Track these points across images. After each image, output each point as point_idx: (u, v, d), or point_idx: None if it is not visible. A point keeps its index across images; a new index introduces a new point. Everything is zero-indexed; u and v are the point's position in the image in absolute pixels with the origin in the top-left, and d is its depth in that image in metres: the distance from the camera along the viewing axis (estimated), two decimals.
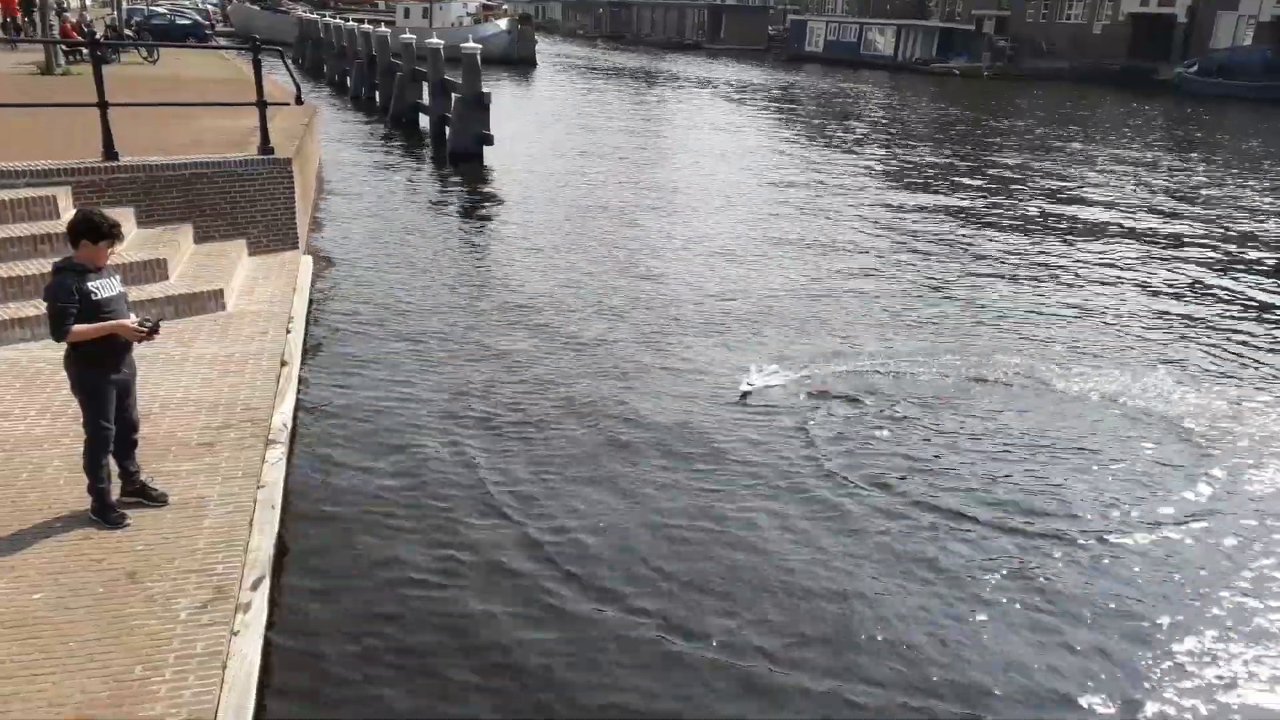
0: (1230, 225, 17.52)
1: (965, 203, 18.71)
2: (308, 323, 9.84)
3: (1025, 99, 44.13)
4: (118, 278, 5.34)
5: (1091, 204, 19.08)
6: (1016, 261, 14.16)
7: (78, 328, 5.01)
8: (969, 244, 15.16)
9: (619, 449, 7.56)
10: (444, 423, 7.91)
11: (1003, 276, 13.25)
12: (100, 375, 5.20)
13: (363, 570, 5.83)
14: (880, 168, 22.66)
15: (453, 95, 22.00)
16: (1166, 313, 11.86)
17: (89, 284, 5.08)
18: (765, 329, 10.54)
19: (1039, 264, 14.08)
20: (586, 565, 5.97)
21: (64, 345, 5.15)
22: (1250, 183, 22.58)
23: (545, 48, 62.81)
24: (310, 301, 10.50)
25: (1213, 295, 12.81)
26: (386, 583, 5.72)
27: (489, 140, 21.18)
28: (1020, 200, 19.13)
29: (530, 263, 13.05)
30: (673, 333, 10.33)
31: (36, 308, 7.69)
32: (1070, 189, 20.74)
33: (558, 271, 12.59)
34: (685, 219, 16.15)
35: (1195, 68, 50.17)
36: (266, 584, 5.19)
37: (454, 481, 6.95)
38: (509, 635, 5.28)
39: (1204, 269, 14.24)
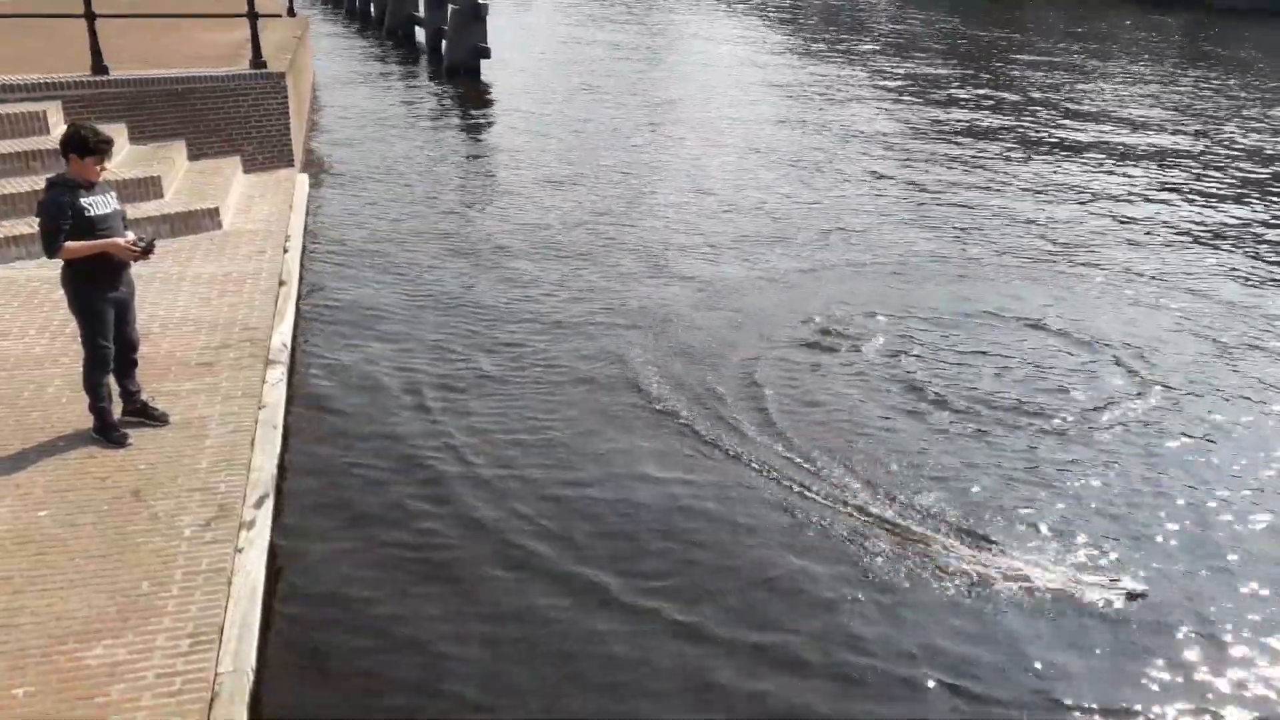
0: (1244, 146, 17.22)
1: (968, 120, 18.35)
2: (305, 241, 9.75)
3: (1035, 9, 42.94)
4: (113, 194, 5.27)
5: (1098, 123, 18.72)
6: (1014, 178, 13.96)
7: (70, 245, 4.96)
8: (971, 158, 14.92)
9: (615, 363, 7.55)
10: (444, 339, 7.89)
11: (997, 190, 13.08)
12: (97, 293, 5.17)
13: (365, 488, 5.88)
14: (885, 85, 22.17)
15: (449, 6, 21.43)
16: (1177, 234, 11.74)
17: (82, 200, 5.01)
18: (766, 244, 10.45)
19: (1037, 181, 13.88)
20: (581, 504, 6.02)
21: (60, 263, 5.11)
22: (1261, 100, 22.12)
23: None
24: (307, 220, 10.40)
25: (1220, 212, 12.66)
26: (388, 500, 5.78)
27: (486, 53, 20.71)
28: (1024, 120, 18.77)
29: (530, 177, 12.88)
30: (672, 247, 10.25)
31: (30, 225, 7.61)
32: (1077, 108, 20.33)
33: (558, 187, 12.42)
34: (685, 134, 15.87)
35: None
36: (270, 502, 5.24)
37: (454, 398, 6.96)
38: (515, 543, 5.34)
39: (1209, 190, 14.05)
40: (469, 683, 4.43)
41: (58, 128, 8.75)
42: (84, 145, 5.01)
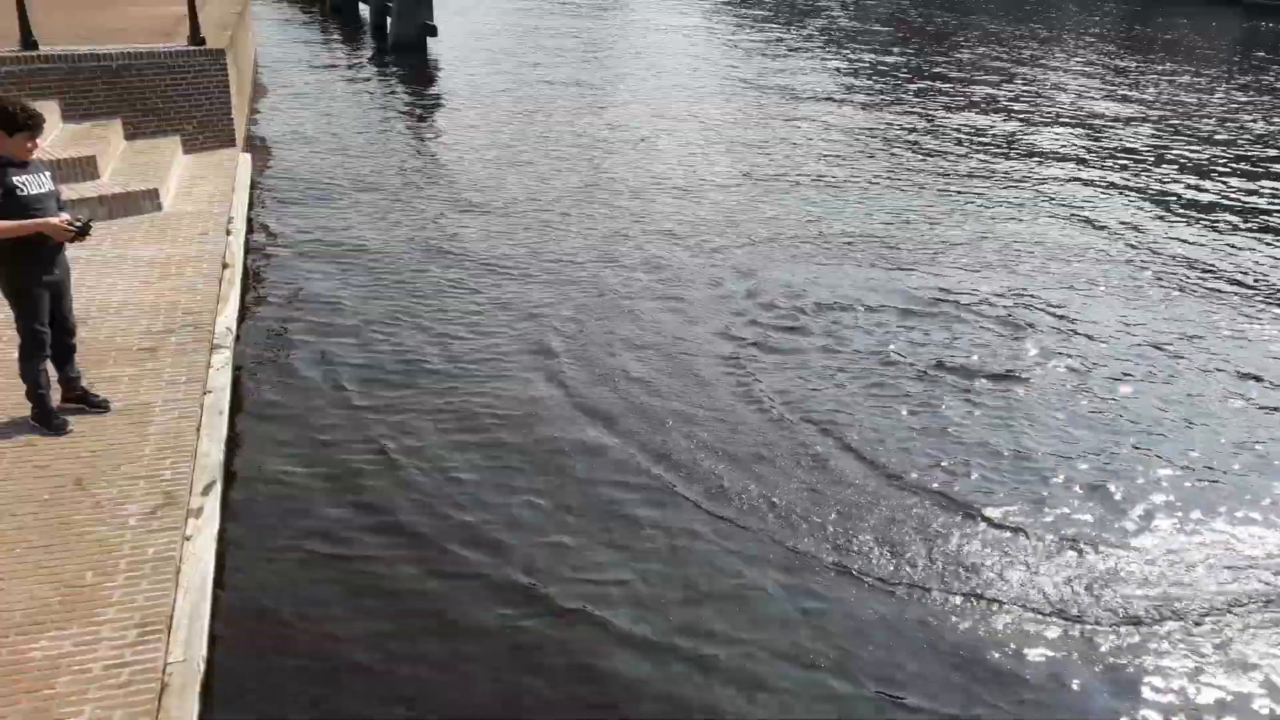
0: (1182, 123, 17.64)
1: (917, 108, 18.54)
2: (249, 223, 9.55)
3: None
4: (48, 174, 5.08)
5: (1045, 110, 19.04)
6: (961, 163, 14.17)
7: (1, 224, 4.79)
8: (917, 146, 15.09)
9: (560, 354, 7.53)
10: (393, 320, 7.81)
11: (944, 176, 13.26)
12: (30, 276, 5.00)
13: (313, 472, 5.80)
14: (833, 69, 22.29)
15: None
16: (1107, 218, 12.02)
17: (14, 179, 4.83)
18: (708, 226, 10.48)
19: (984, 167, 14.10)
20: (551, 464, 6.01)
21: None
22: (1196, 81, 22.67)
23: None
24: (250, 201, 10.18)
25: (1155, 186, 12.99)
26: (338, 484, 5.71)
27: (433, 31, 20.42)
28: (974, 106, 19.01)
29: (476, 158, 12.74)
30: (622, 229, 10.23)
31: None
32: (1027, 92, 20.65)
33: (505, 167, 12.31)
34: (633, 115, 15.80)
35: None
36: (218, 489, 5.15)
37: (401, 379, 6.90)
38: (462, 541, 5.32)
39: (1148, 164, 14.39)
40: (423, 670, 4.41)
41: None
42: (12, 121, 4.82)
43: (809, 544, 5.36)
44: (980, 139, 15.58)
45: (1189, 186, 13.13)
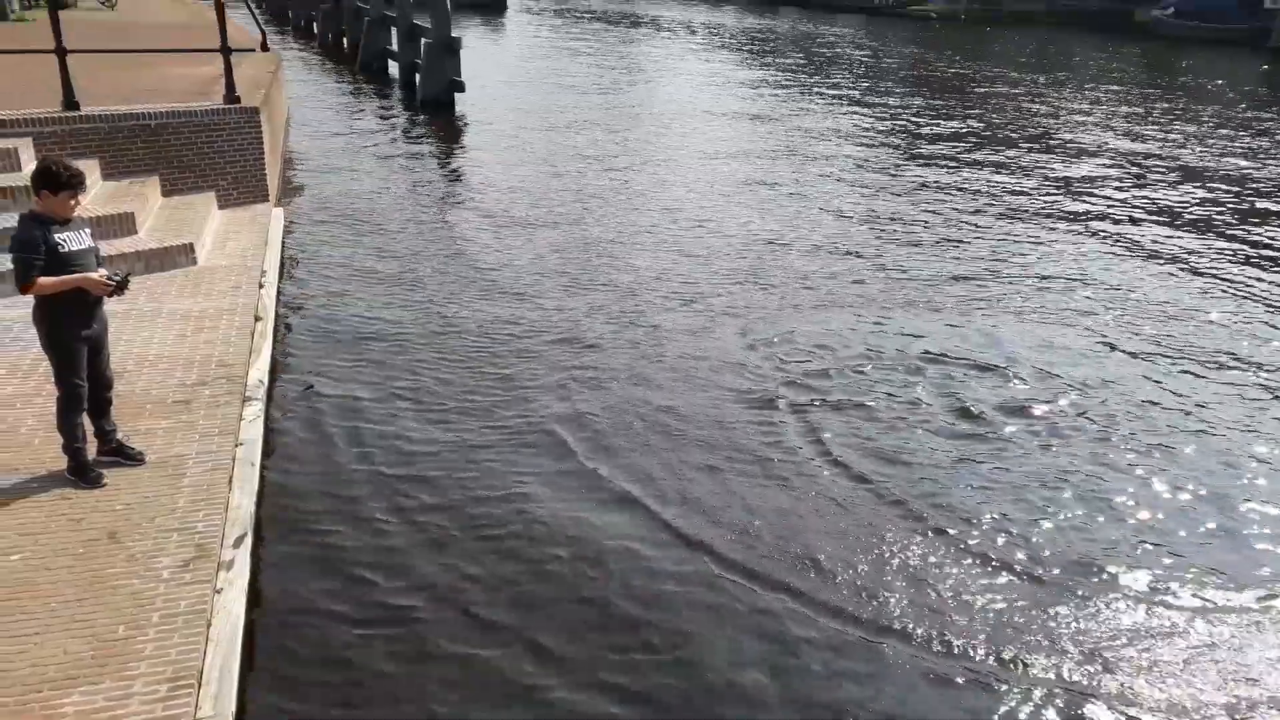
0: (1202, 170, 17.57)
1: (942, 151, 18.62)
2: (281, 277, 9.69)
3: (1001, 43, 43.83)
4: (88, 230, 5.20)
5: (1065, 151, 19.06)
6: (992, 206, 14.16)
7: (42, 280, 4.88)
8: (946, 191, 15.12)
9: (586, 414, 7.54)
10: (424, 372, 7.86)
11: (976, 222, 13.25)
12: (70, 331, 5.09)
13: (344, 525, 5.81)
14: (858, 117, 22.47)
15: (422, 41, 21.54)
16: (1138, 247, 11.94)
17: (55, 236, 4.94)
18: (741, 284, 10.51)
19: (1013, 211, 14.08)
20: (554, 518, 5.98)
21: (31, 301, 5.03)
22: (1217, 127, 22.62)
23: None
24: (283, 256, 10.34)
25: (1185, 232, 12.89)
26: (369, 537, 5.71)
27: (460, 87, 20.80)
28: (997, 148, 19.07)
29: (504, 212, 12.87)
30: (646, 298, 10.27)
31: (1, 263, 7.51)
32: (1047, 136, 20.69)
33: (532, 223, 12.43)
34: (657, 168, 15.98)
35: (1171, 10, 49.92)
36: (249, 541, 5.16)
37: (428, 436, 6.92)
38: (492, 601, 5.28)
39: (1174, 213, 14.31)
40: None
41: (29, 164, 8.65)
42: (56, 180, 4.95)
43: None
44: (1008, 188, 15.59)
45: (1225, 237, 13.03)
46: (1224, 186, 16.10)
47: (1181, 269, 11.47)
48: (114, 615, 4.30)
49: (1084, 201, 14.70)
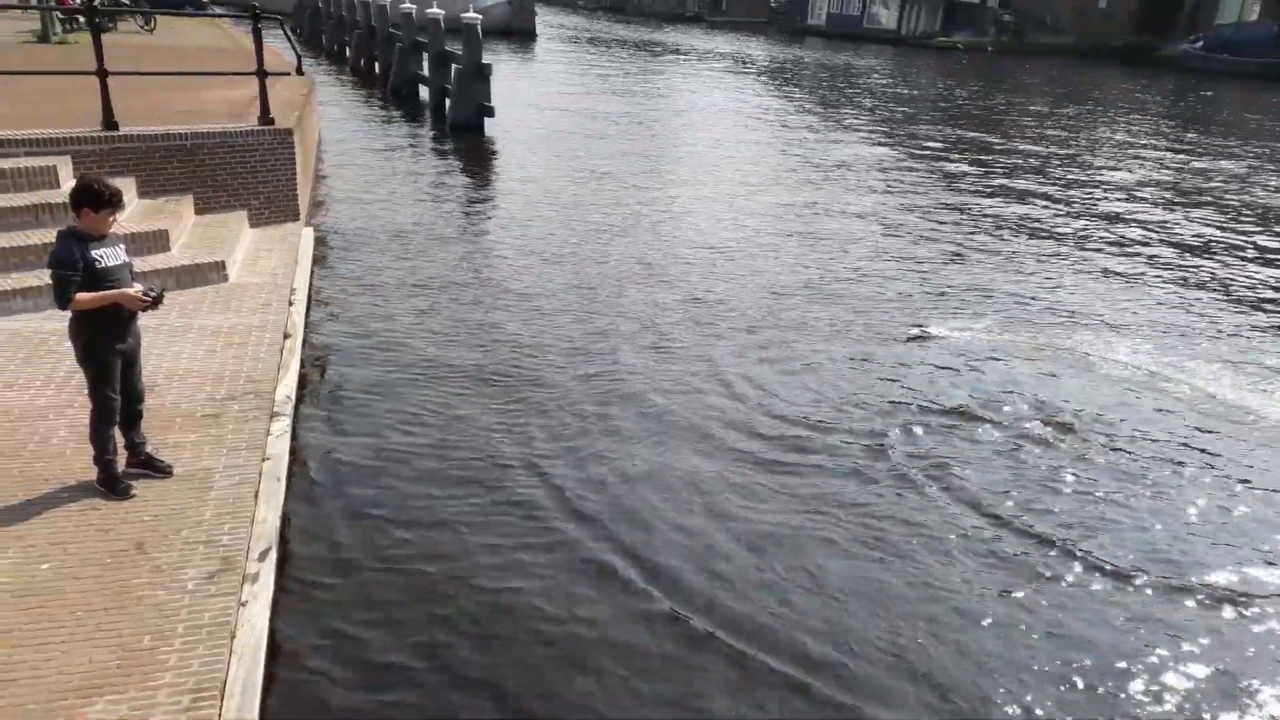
0: (1234, 203, 17.45)
1: (969, 183, 18.62)
2: (310, 296, 9.80)
3: (1028, 75, 43.85)
4: (123, 247, 5.30)
5: (1094, 186, 18.99)
6: (1016, 237, 14.13)
7: (80, 296, 4.98)
8: (974, 220, 15.10)
9: (607, 426, 7.55)
10: (447, 393, 7.91)
11: (999, 251, 13.22)
12: (105, 345, 5.18)
13: (367, 542, 5.84)
14: (884, 147, 22.52)
15: (453, 66, 21.82)
16: (1172, 284, 11.85)
17: (93, 252, 5.05)
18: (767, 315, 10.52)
19: (1041, 244, 14.04)
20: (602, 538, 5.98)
21: (68, 314, 5.13)
22: (1255, 161, 22.46)
23: (546, 19, 62.24)
24: (312, 274, 10.46)
25: (1217, 269, 12.79)
26: (392, 552, 5.73)
27: (490, 112, 21.03)
28: (1022, 182, 19.04)
29: (534, 234, 12.97)
30: (671, 319, 10.30)
31: (39, 278, 7.66)
32: (1074, 171, 20.63)
33: (563, 248, 12.51)
34: (689, 194, 16.06)
35: (1200, 43, 49.81)
36: (273, 555, 5.20)
37: (459, 452, 6.95)
38: (512, 617, 5.29)
39: (1208, 249, 14.20)
40: None
41: (68, 182, 8.84)
42: (98, 199, 5.06)
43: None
44: (1042, 225, 15.55)
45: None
46: None
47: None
48: (140, 625, 4.35)
49: (1129, 239, 14.64)
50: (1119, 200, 17.28)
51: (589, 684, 4.76)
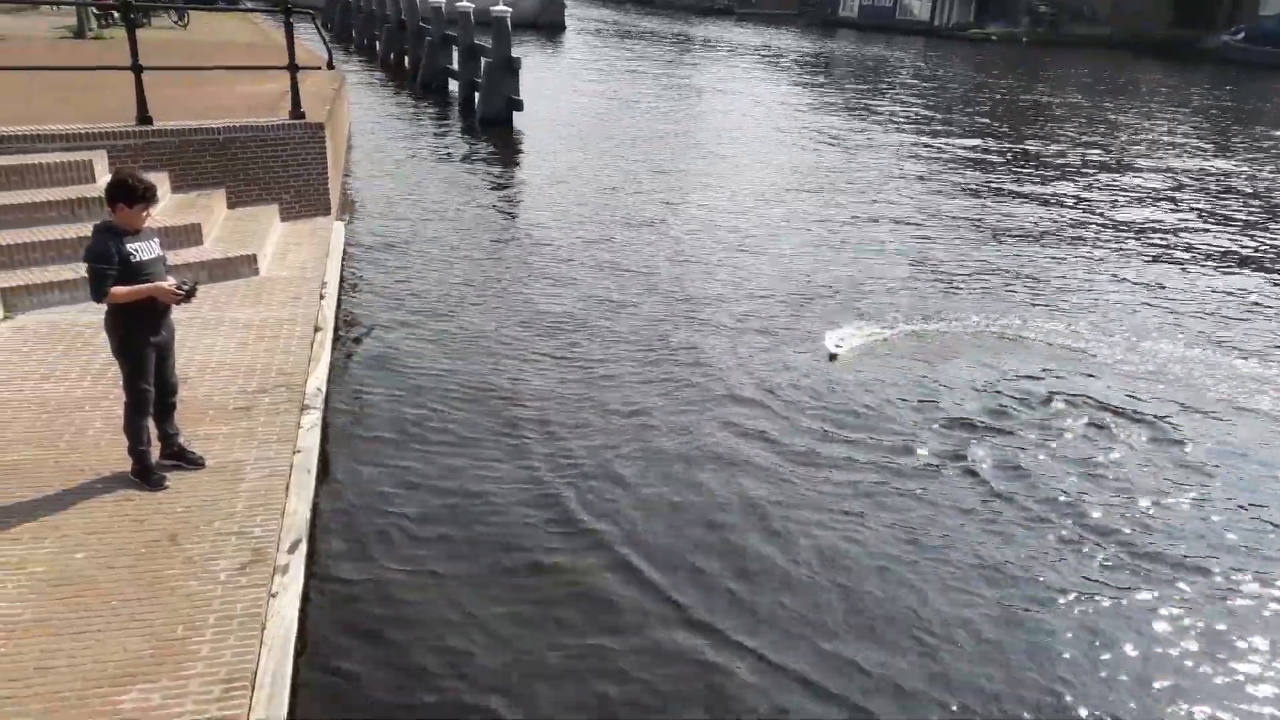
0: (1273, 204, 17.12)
1: (1003, 177, 18.42)
2: (340, 289, 9.86)
3: (1064, 68, 43.25)
4: (157, 240, 5.35)
5: (1133, 183, 18.71)
6: (1052, 231, 13.95)
7: (116, 290, 5.03)
8: (1007, 216, 14.93)
9: (678, 412, 7.54)
10: (475, 387, 7.94)
11: (1039, 246, 13.06)
12: (139, 338, 5.23)
13: (396, 534, 5.87)
14: (918, 141, 22.32)
15: (482, 60, 21.87)
16: (1209, 289, 11.65)
17: (128, 246, 5.09)
18: (805, 301, 10.46)
19: (1074, 236, 13.86)
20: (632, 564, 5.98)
21: (103, 307, 5.19)
22: None
23: (574, 12, 62.14)
24: (342, 268, 10.53)
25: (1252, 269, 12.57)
26: (420, 545, 5.77)
27: (519, 106, 21.05)
28: (1058, 177, 18.80)
29: (563, 230, 12.99)
30: (708, 310, 10.27)
31: (75, 271, 7.76)
32: (1113, 167, 20.34)
33: (594, 243, 12.51)
34: (719, 189, 16.00)
35: (1242, 35, 48.88)
36: (303, 547, 5.24)
37: (486, 448, 6.97)
38: (538, 620, 5.30)
39: (1243, 249, 13.95)
40: None
41: (103, 176, 8.94)
42: (132, 194, 5.11)
43: None
44: (1084, 223, 15.35)
45: None
46: None
47: None
48: (172, 615, 4.40)
49: (1180, 237, 14.42)
50: (1173, 200, 17.02)
51: (614, 690, 4.76)
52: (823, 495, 6.50)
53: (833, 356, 8.75)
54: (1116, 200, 16.37)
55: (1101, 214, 15.26)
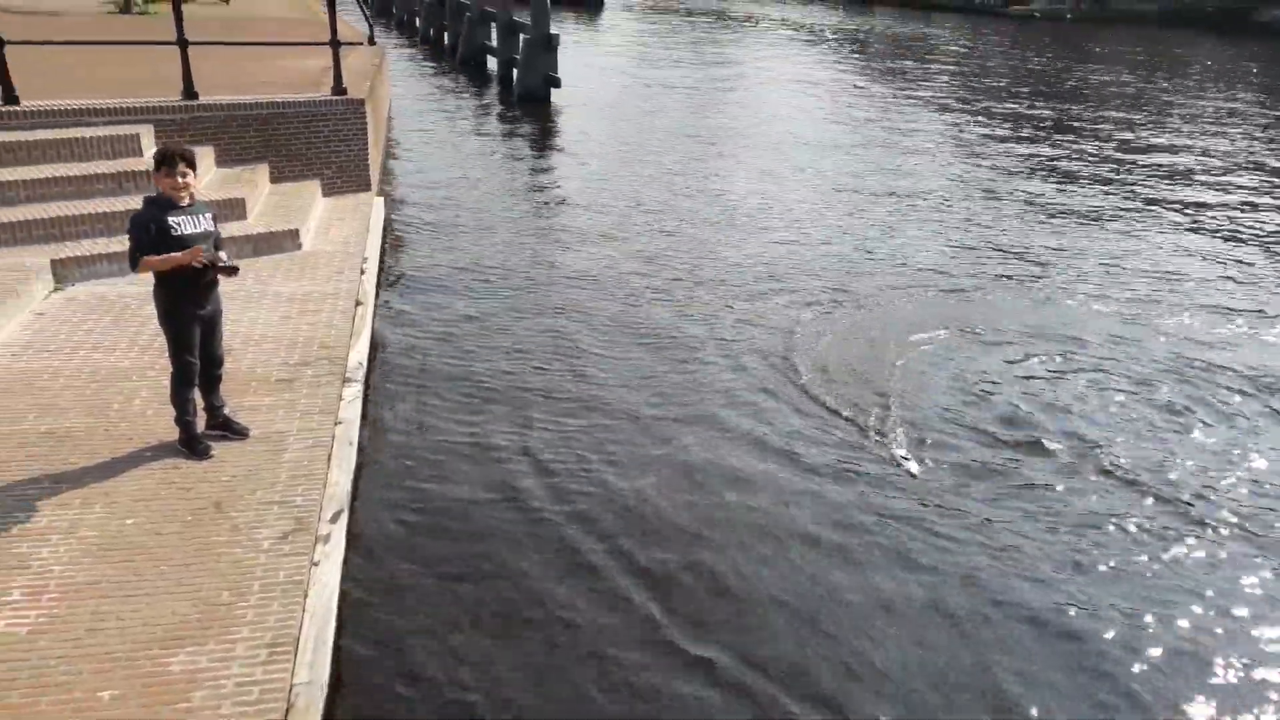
0: None
1: (1045, 158, 18.10)
2: (381, 264, 9.95)
3: (1110, 44, 42.30)
4: (209, 216, 5.34)
5: (1182, 166, 18.31)
6: (1097, 215, 13.70)
7: (147, 259, 5.07)
8: (1048, 198, 14.69)
9: (708, 403, 7.55)
10: (513, 365, 7.98)
11: (1085, 227, 12.84)
12: (182, 310, 5.29)
13: (436, 504, 5.94)
14: (960, 123, 21.99)
15: (521, 36, 21.85)
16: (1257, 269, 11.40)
17: (170, 219, 5.10)
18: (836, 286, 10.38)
19: (1119, 221, 13.60)
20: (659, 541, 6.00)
21: (150, 279, 5.25)
22: None
23: None
24: (383, 243, 10.62)
25: None
26: (460, 517, 5.83)
27: (557, 83, 21.03)
28: (1105, 159, 18.43)
29: (597, 206, 12.98)
30: (741, 289, 10.23)
31: (122, 243, 7.83)
32: (1162, 148, 19.91)
33: (632, 221, 12.48)
34: (758, 169, 15.89)
35: None
36: (345, 517, 5.32)
37: (520, 425, 7.01)
38: (590, 584, 5.35)
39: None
40: (543, 701, 4.43)
41: (150, 150, 9.08)
42: (160, 157, 5.16)
43: None
44: (1129, 206, 15.06)
45: None
46: None
47: None
48: (219, 581, 4.49)
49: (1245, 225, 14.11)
50: (1233, 181, 16.63)
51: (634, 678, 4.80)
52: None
53: None
54: (1176, 180, 16.02)
55: (1166, 196, 14.95)
